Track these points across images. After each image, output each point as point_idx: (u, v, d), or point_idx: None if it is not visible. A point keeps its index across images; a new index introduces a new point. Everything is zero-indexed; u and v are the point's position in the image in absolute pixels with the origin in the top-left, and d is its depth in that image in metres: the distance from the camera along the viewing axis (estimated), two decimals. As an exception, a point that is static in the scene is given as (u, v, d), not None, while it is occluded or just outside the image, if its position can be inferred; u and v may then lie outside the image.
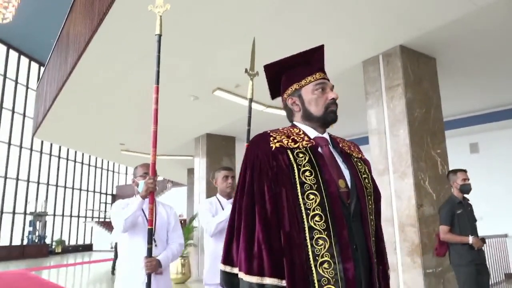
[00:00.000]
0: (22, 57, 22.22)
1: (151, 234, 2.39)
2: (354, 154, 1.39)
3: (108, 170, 30.72)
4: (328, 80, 1.40)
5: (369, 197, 1.31)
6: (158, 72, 2.52)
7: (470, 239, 3.59)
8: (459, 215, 3.77)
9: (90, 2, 5.50)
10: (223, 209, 2.99)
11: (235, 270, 1.23)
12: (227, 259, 1.26)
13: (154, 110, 2.49)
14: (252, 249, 1.17)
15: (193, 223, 8.69)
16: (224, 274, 1.27)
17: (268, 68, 1.43)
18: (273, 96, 1.50)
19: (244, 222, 1.22)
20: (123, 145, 10.19)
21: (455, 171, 3.96)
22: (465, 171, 3.95)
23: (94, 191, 28.92)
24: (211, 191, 8.34)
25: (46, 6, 16.76)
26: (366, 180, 1.33)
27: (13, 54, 21.72)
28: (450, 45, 4.80)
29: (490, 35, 4.60)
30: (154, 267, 2.38)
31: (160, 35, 2.55)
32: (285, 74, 1.42)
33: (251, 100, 2.97)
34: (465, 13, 4.00)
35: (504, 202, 7.71)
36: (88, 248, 26.51)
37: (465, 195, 3.93)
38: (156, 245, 2.49)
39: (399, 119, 4.49)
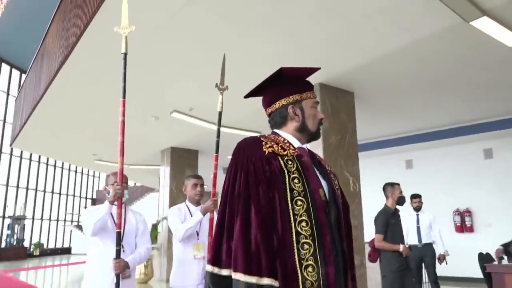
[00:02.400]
0: (3, 64, 22.67)
1: (119, 237, 2.51)
2: (326, 167, 1.46)
3: (88, 174, 31.11)
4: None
5: (342, 207, 1.39)
6: (124, 87, 2.68)
7: (401, 247, 3.91)
8: (393, 224, 4.08)
9: (65, 25, 6.09)
10: (191, 215, 3.06)
11: (224, 272, 1.23)
12: (216, 260, 1.25)
13: (121, 122, 2.63)
14: (250, 249, 1.18)
15: (157, 229, 9.47)
16: (212, 275, 1.25)
17: (285, 71, 1.41)
18: (250, 95, 1.53)
19: (240, 224, 1.21)
20: (96, 155, 10.94)
21: (392, 184, 4.29)
22: (399, 184, 4.33)
23: (74, 195, 29.30)
24: (173, 199, 9.16)
25: (28, 15, 17.32)
26: (339, 191, 1.42)
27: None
28: (366, 82, 5.71)
29: (398, 75, 5.50)
30: (122, 267, 2.51)
31: (125, 54, 2.71)
32: (289, 81, 1.44)
33: (220, 113, 3.06)
34: (378, 56, 4.78)
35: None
36: (66, 251, 26.87)
37: (397, 207, 4.28)
38: (123, 250, 2.60)
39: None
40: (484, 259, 4.53)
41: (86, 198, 30.86)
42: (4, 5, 16.39)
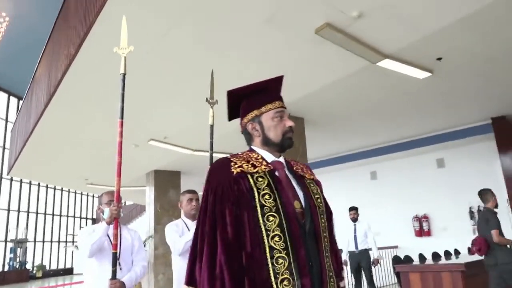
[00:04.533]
0: (1, 92, 23.63)
1: (115, 257, 2.52)
2: (306, 176, 1.48)
3: (87, 195, 31.84)
4: (286, 108, 1.50)
5: (322, 215, 1.39)
6: (122, 107, 2.70)
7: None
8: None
9: (56, 53, 6.48)
10: (188, 230, 3.05)
11: None
12: (191, 279, 1.30)
13: (119, 143, 2.64)
14: (214, 271, 1.22)
15: (146, 246, 10.20)
16: None
17: (231, 93, 1.49)
18: (230, 119, 1.59)
19: (206, 245, 1.26)
20: (87, 180, 11.73)
21: (491, 190, 4.96)
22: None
23: (74, 216, 30.00)
24: (158, 218, 9.93)
25: (25, 46, 18.22)
26: (319, 200, 1.41)
27: (-7, 91, 23.14)
28: (314, 107, 6.51)
29: (343, 101, 6.29)
30: None
31: (124, 74, 2.72)
32: (245, 100, 1.49)
33: (212, 126, 3.11)
34: (325, 84, 5.42)
35: (394, 220, 9.42)
36: (68, 272, 27.44)
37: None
38: (121, 268, 2.61)
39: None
40: (396, 261, 5.25)
41: (86, 218, 31.54)
42: (3, 30, 17.06)
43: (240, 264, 1.23)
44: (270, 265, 1.22)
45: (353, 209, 6.80)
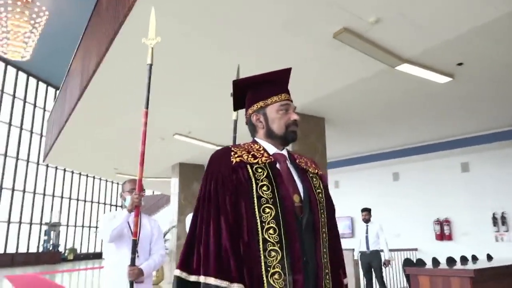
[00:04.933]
0: (40, 82, 24.77)
1: (135, 245, 2.53)
2: (310, 170, 1.45)
3: (118, 183, 32.92)
4: (292, 102, 1.47)
5: (322, 210, 1.36)
6: (148, 97, 2.74)
7: None
8: None
9: (88, 48, 6.84)
10: None
11: (192, 278, 1.23)
12: (185, 265, 1.26)
13: (143, 132, 2.66)
14: (221, 256, 1.21)
15: (169, 235, 10.59)
16: (179, 279, 1.26)
17: (237, 83, 1.50)
18: (236, 108, 1.60)
19: (213, 231, 1.24)
20: (116, 169, 12.24)
21: None
22: None
23: (104, 203, 31.16)
24: (181, 209, 10.28)
25: (63, 40, 18.98)
26: (320, 195, 1.38)
27: (32, 81, 24.28)
28: (335, 108, 6.59)
29: (363, 102, 6.34)
30: (136, 275, 2.54)
31: (151, 65, 2.75)
32: (251, 91, 1.48)
33: (235, 121, 3.11)
34: (344, 85, 5.51)
35: (415, 222, 9.36)
36: (98, 256, 28.52)
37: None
38: (138, 256, 2.61)
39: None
40: (407, 263, 5.29)
41: (116, 205, 32.67)
42: (44, 23, 17.71)
43: (240, 252, 1.24)
44: (262, 257, 1.21)
45: (365, 210, 6.88)
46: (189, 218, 3.33)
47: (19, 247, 22.33)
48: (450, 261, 5.46)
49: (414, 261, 8.22)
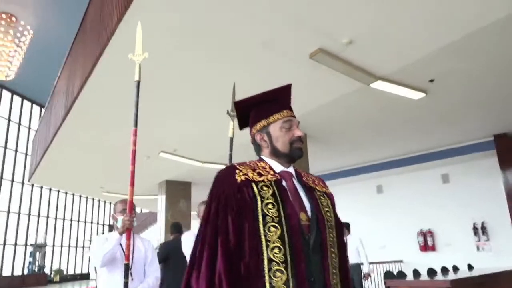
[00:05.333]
0: (24, 101, 24.62)
1: (127, 268, 2.44)
2: (317, 188, 1.43)
3: (105, 202, 32.55)
4: (295, 117, 1.46)
5: (330, 229, 1.33)
6: (136, 115, 2.69)
7: None
8: None
9: (73, 69, 6.83)
10: None
11: None
12: (187, 286, 1.27)
13: (132, 151, 2.61)
14: (213, 280, 1.19)
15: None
16: None
17: (238, 104, 1.50)
18: (241, 127, 1.58)
19: (206, 253, 1.23)
20: (103, 188, 12.19)
21: None
22: None
23: (91, 222, 30.72)
24: (168, 227, 10.25)
25: (48, 57, 18.98)
26: (328, 214, 1.35)
27: (17, 99, 24.12)
28: (315, 124, 6.75)
29: (343, 118, 6.52)
30: None
31: (139, 81, 2.72)
32: (254, 110, 1.47)
33: (231, 139, 3.12)
34: (323, 103, 5.69)
35: (399, 234, 9.52)
36: (85, 277, 28.04)
37: None
38: (132, 279, 2.54)
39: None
40: (387, 275, 5.41)
41: (103, 224, 32.24)
42: (28, 42, 17.71)
43: (239, 274, 1.19)
44: (267, 277, 1.18)
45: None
46: (188, 239, 3.29)
47: (3, 270, 21.83)
48: (431, 272, 5.59)
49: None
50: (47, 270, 24.36)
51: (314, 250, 1.25)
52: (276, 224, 1.22)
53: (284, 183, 1.34)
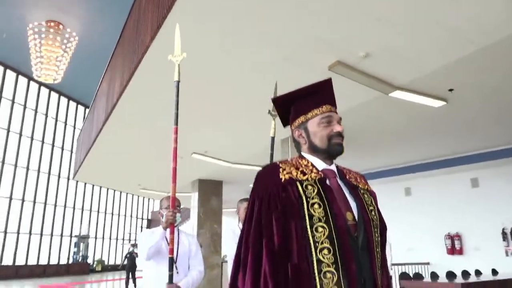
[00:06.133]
0: (70, 102, 26.12)
1: (172, 262, 2.50)
2: (360, 186, 1.39)
3: (143, 198, 33.91)
4: (336, 113, 1.41)
5: (375, 229, 1.30)
6: (177, 114, 2.73)
7: None
8: None
9: (114, 73, 7.33)
10: None
11: None
12: (233, 286, 1.26)
13: (173, 149, 2.68)
14: (259, 282, 1.17)
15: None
16: None
17: (277, 101, 1.47)
18: (285, 125, 1.53)
19: (251, 254, 1.21)
20: (140, 185, 12.92)
21: None
22: None
23: (131, 216, 32.13)
24: (201, 224, 10.80)
25: (91, 63, 20.08)
26: (373, 212, 1.32)
27: (63, 100, 25.65)
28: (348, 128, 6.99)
29: (366, 124, 6.67)
30: None
31: (178, 81, 2.76)
32: (293, 106, 1.43)
33: (273, 139, 3.08)
34: (343, 111, 6.01)
35: (427, 236, 9.54)
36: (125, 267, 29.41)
37: None
38: (178, 272, 2.62)
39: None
40: (402, 276, 5.57)
41: (142, 218, 33.61)
42: (74, 47, 18.83)
43: (285, 276, 1.16)
44: (317, 280, 1.15)
45: None
46: (226, 235, 3.32)
47: (50, 259, 23.39)
48: (450, 275, 5.71)
49: (427, 275, 8.44)
50: (89, 260, 25.82)
51: (362, 250, 1.22)
52: (324, 224, 1.19)
53: (328, 181, 1.30)
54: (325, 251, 1.17)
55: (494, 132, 7.20)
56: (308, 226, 1.19)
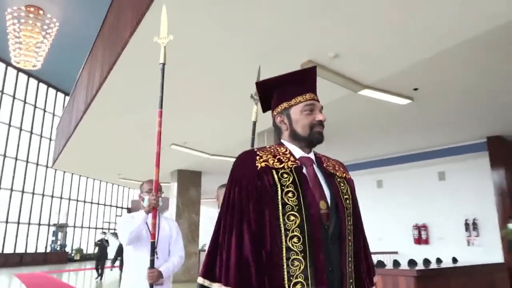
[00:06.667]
0: (50, 88, 25.75)
1: (153, 246, 2.48)
2: (338, 174, 1.39)
3: (124, 187, 33.81)
4: (318, 101, 1.43)
5: (349, 217, 1.30)
6: (161, 97, 2.66)
7: None
8: None
9: (95, 62, 7.25)
10: None
11: (214, 286, 1.22)
12: (209, 273, 1.24)
13: (158, 132, 2.62)
14: (241, 265, 1.18)
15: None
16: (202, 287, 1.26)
17: (260, 85, 1.46)
18: (264, 110, 1.55)
19: (234, 239, 1.22)
20: (120, 174, 13.03)
21: None
22: None
23: (110, 205, 32.04)
24: (179, 213, 11.03)
25: (72, 50, 19.79)
26: (348, 201, 1.32)
27: (42, 87, 25.28)
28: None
29: (340, 119, 6.98)
30: (155, 277, 2.50)
31: (164, 64, 2.68)
32: (276, 92, 1.43)
33: (254, 123, 3.10)
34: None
35: (396, 227, 10.02)
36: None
37: None
38: (157, 257, 2.59)
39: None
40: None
41: (122, 207, 33.54)
42: (54, 33, 18.54)
43: (262, 262, 1.19)
44: (285, 267, 1.18)
45: None
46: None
47: (27, 247, 23.24)
48: (411, 263, 6.09)
49: (390, 263, 8.84)
50: (68, 249, 25.73)
51: (332, 239, 1.23)
52: (296, 213, 1.20)
53: (304, 170, 1.30)
54: (295, 240, 1.19)
55: (459, 129, 7.64)
56: (281, 214, 1.20)
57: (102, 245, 13.39)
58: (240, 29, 4.45)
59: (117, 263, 10.04)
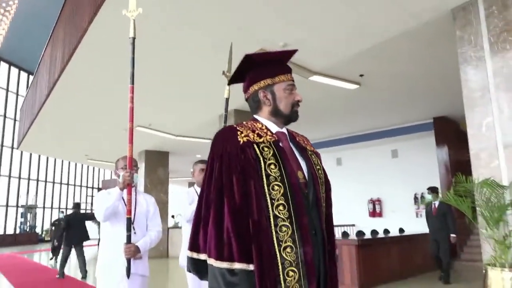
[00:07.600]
0: (12, 67, 24.96)
1: (129, 222, 2.51)
2: (308, 148, 1.48)
3: (94, 167, 33.52)
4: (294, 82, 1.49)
5: (322, 186, 1.40)
6: (132, 72, 2.64)
7: None
8: None
9: (60, 40, 7.09)
10: None
11: (202, 256, 1.29)
12: (194, 246, 1.32)
13: (130, 108, 2.60)
14: (222, 237, 1.23)
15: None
16: (191, 260, 1.33)
17: (249, 57, 1.45)
18: (230, 83, 1.63)
19: (213, 212, 1.27)
20: (87, 155, 13.12)
21: None
22: None
23: (80, 186, 31.81)
24: (147, 192, 11.28)
25: (34, 27, 19.29)
26: (319, 171, 1.43)
27: (4, 66, 24.46)
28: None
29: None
30: (133, 252, 2.52)
31: (134, 38, 2.63)
32: (258, 67, 1.46)
33: (227, 100, 3.11)
34: None
35: (354, 202, 10.70)
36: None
37: None
38: (135, 232, 2.60)
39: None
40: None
41: (92, 187, 33.36)
42: (14, 11, 17.96)
43: (247, 231, 1.24)
44: (273, 233, 1.25)
45: None
46: (182, 196, 3.38)
47: (-4, 229, 23.04)
48: (359, 234, 6.70)
49: (353, 234, 9.52)
50: (38, 230, 25.62)
51: (312, 205, 1.32)
52: (279, 183, 1.28)
53: (281, 143, 1.38)
54: (281, 207, 1.26)
55: (408, 110, 8.22)
56: (266, 185, 1.27)
57: (60, 224, 13.00)
58: (201, 22, 4.72)
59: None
